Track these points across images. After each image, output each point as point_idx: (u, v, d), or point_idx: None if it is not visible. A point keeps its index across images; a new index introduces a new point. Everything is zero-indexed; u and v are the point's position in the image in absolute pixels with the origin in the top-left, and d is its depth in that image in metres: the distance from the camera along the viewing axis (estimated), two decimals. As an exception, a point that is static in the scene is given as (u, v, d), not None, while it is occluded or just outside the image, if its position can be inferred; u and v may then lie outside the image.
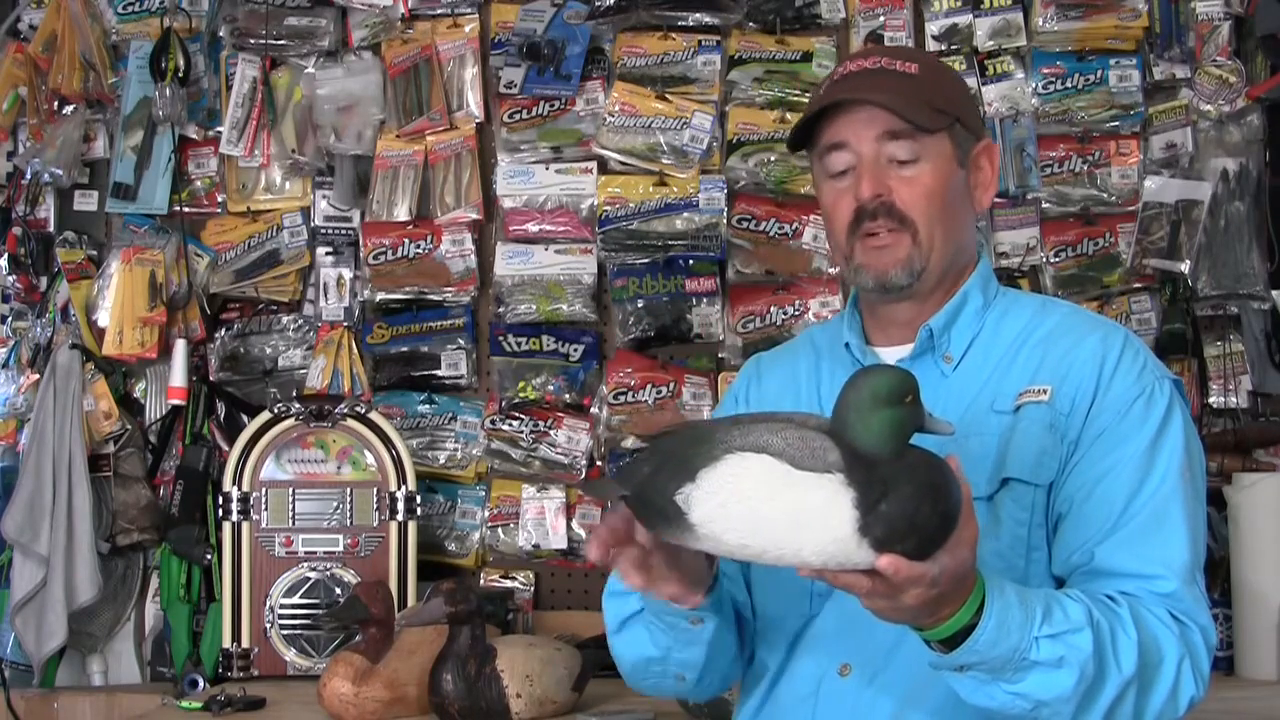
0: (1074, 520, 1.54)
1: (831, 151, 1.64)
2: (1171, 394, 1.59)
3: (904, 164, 1.61)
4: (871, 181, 1.61)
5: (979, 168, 1.68)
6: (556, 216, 3.06)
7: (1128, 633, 1.43)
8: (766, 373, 1.82)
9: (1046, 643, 1.38)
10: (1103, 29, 3.02)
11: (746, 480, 1.30)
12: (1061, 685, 1.39)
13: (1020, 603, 1.37)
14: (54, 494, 2.87)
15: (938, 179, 1.62)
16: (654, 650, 1.61)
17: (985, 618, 1.34)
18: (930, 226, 1.62)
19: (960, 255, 1.67)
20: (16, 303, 3.12)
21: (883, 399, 1.29)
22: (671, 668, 1.63)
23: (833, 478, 1.27)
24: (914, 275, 1.62)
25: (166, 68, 3.04)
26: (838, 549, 1.27)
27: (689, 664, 1.62)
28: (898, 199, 1.61)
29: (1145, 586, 1.49)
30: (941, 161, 1.62)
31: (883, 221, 1.61)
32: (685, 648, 1.59)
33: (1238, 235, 2.96)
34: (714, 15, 3.06)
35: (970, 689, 1.39)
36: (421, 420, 3.07)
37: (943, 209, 1.62)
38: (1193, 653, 1.48)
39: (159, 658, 3.02)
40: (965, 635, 1.35)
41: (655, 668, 1.64)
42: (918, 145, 1.61)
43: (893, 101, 1.59)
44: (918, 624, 1.36)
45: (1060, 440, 1.56)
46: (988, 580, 1.37)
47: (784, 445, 1.30)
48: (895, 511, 1.26)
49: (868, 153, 1.62)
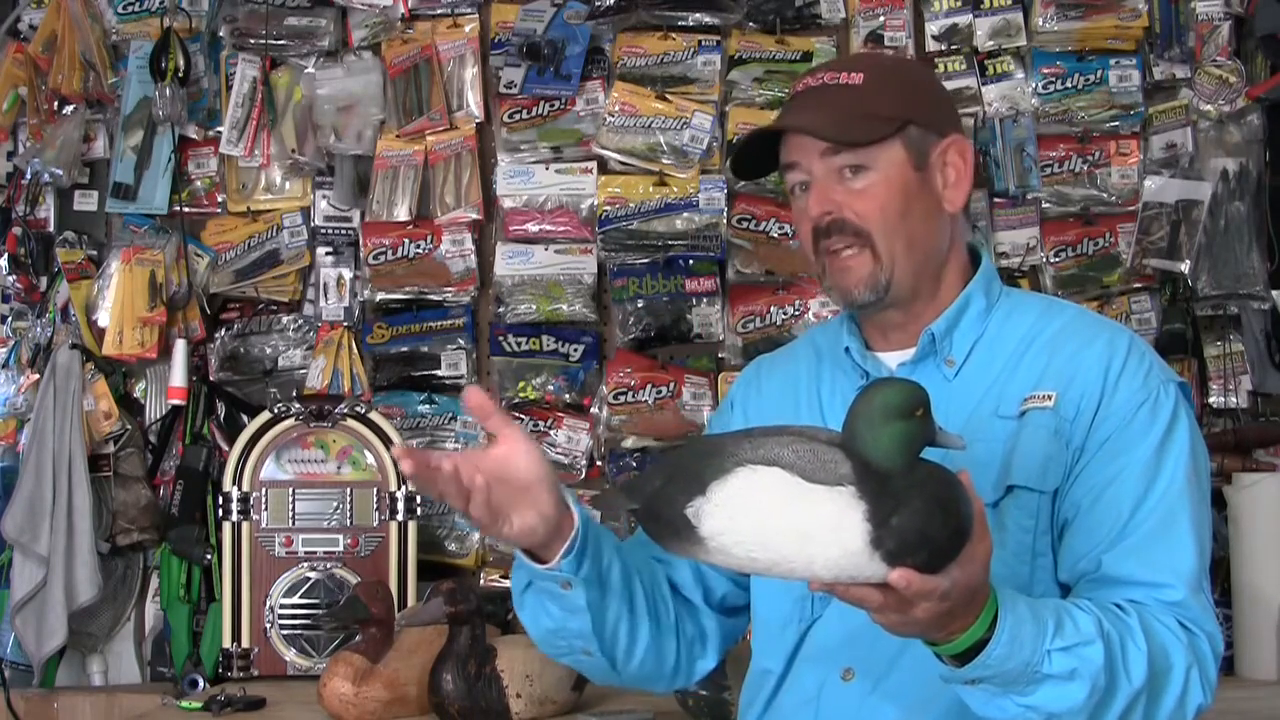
0: (1080, 527, 1.54)
1: (788, 171, 1.65)
2: (1177, 398, 1.58)
3: (855, 174, 1.60)
4: (818, 200, 1.61)
5: (946, 165, 1.64)
6: (556, 216, 3.06)
7: (1138, 644, 1.42)
8: (766, 376, 1.81)
9: (1059, 655, 1.37)
10: (1103, 29, 3.02)
11: (757, 493, 1.29)
12: (1073, 698, 1.38)
13: (1032, 616, 1.36)
14: (54, 494, 2.87)
15: (889, 187, 1.60)
16: (549, 621, 1.61)
17: (998, 632, 1.33)
18: (888, 237, 1.60)
19: (931, 260, 1.64)
20: (16, 303, 3.12)
21: (894, 412, 1.29)
22: (574, 641, 1.62)
23: (844, 490, 1.27)
24: (880, 291, 1.61)
25: (166, 68, 3.04)
26: (849, 562, 1.27)
27: (584, 634, 1.60)
28: (850, 213, 1.60)
29: (1153, 595, 1.48)
30: (893, 169, 1.60)
31: (837, 238, 1.60)
32: (571, 617, 1.58)
33: (1238, 235, 2.96)
34: (714, 15, 3.06)
35: (981, 701, 1.39)
36: (421, 420, 3.07)
37: (899, 217, 1.60)
38: (1200, 661, 1.47)
39: (159, 658, 3.02)
40: (978, 650, 1.34)
41: (560, 641, 1.64)
42: (864, 155, 1.59)
43: (817, 123, 1.58)
44: (928, 638, 1.35)
45: (1065, 446, 1.56)
46: (1000, 594, 1.36)
47: (795, 458, 1.29)
48: (907, 524, 1.25)
49: (818, 170, 1.61)
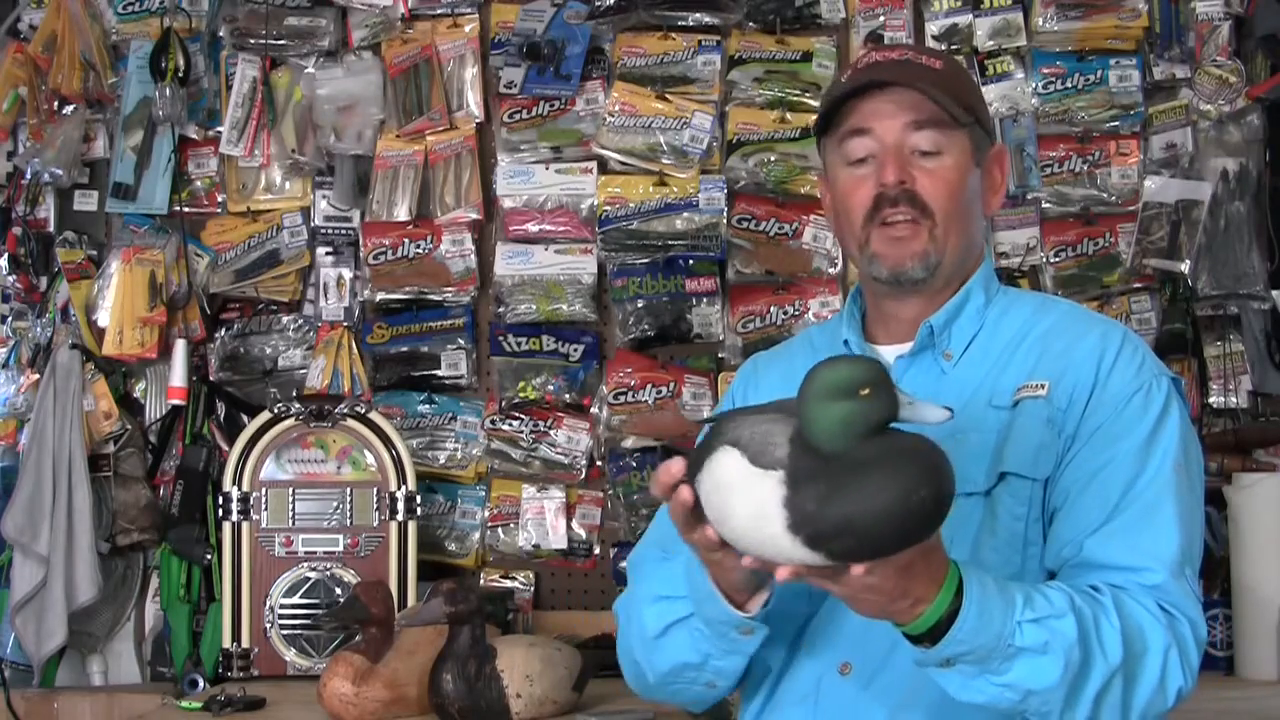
0: (1068, 514, 1.54)
1: (852, 137, 1.63)
2: (1169, 391, 1.58)
3: (926, 155, 1.61)
4: (896, 167, 1.60)
5: (990, 172, 1.68)
6: (556, 216, 3.06)
7: (1111, 621, 1.42)
8: (764, 373, 1.81)
9: (1030, 627, 1.37)
10: (1103, 29, 3.02)
11: (718, 473, 1.32)
12: (1048, 673, 1.38)
13: (1000, 591, 1.37)
14: (54, 494, 2.87)
15: (958, 174, 1.62)
16: (693, 657, 1.59)
17: (966, 605, 1.34)
18: (948, 220, 1.61)
19: (970, 254, 1.67)
20: (16, 303, 3.12)
21: (834, 391, 1.26)
22: (705, 675, 1.61)
23: (772, 475, 1.27)
24: (929, 269, 1.61)
25: (166, 68, 3.04)
26: (776, 547, 1.28)
27: (725, 672, 1.60)
28: (920, 188, 1.60)
29: (1132, 578, 1.48)
30: (963, 158, 1.62)
31: (904, 209, 1.60)
32: (725, 656, 1.58)
33: (1238, 235, 2.96)
34: (714, 15, 3.06)
35: (958, 684, 1.39)
36: (421, 420, 3.07)
37: (961, 204, 1.62)
38: (1181, 644, 1.46)
39: (159, 658, 3.02)
40: (947, 627, 1.34)
41: (689, 674, 1.62)
42: (942, 138, 1.60)
43: (929, 89, 1.58)
44: (894, 620, 1.36)
45: (1058, 435, 1.56)
46: (965, 569, 1.36)
47: (750, 439, 1.30)
48: (830, 511, 1.24)
49: (891, 140, 1.61)
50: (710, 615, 1.52)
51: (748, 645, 1.55)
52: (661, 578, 1.62)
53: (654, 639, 1.63)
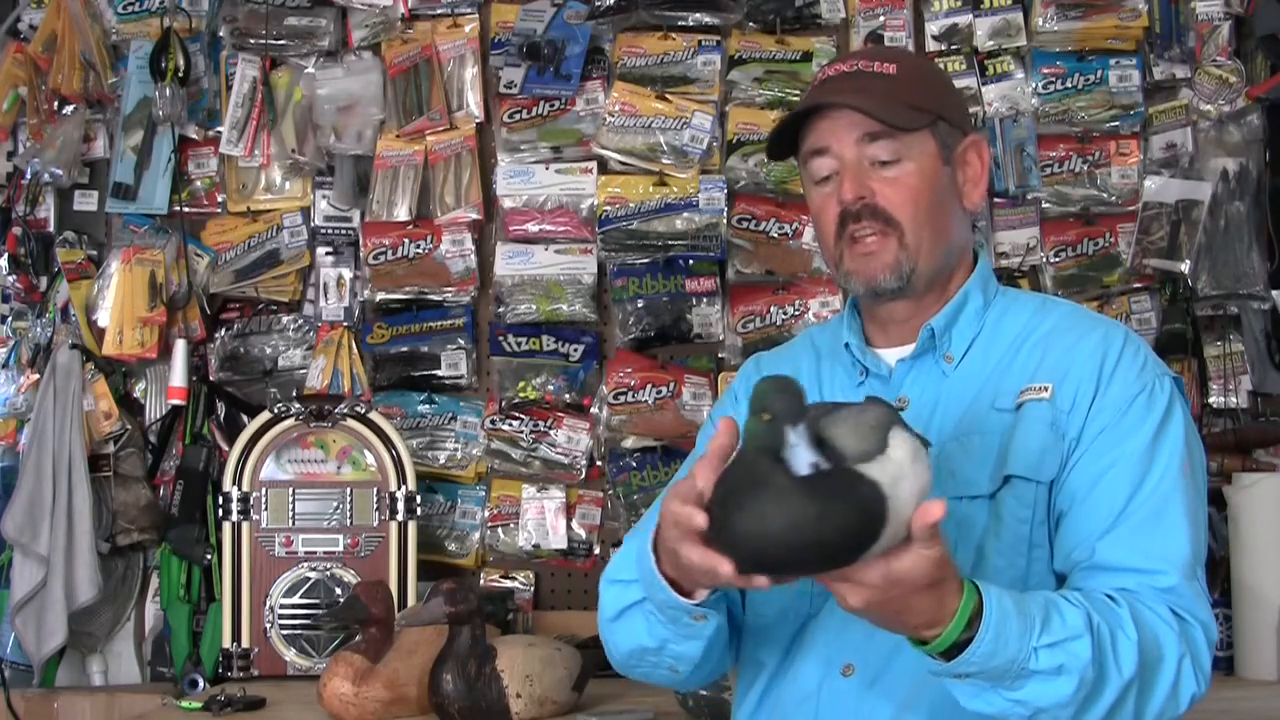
0: (1075, 517, 1.54)
1: (814, 158, 1.64)
2: (1172, 391, 1.59)
3: (886, 165, 1.61)
4: (853, 183, 1.61)
5: (966, 164, 1.66)
6: (556, 216, 3.06)
7: (1128, 634, 1.42)
8: (765, 372, 1.80)
9: (1045, 652, 1.36)
10: (1103, 29, 3.02)
11: None
12: (1060, 692, 1.38)
13: (1018, 611, 1.36)
14: (54, 494, 2.87)
15: (922, 178, 1.61)
16: (650, 641, 1.60)
17: (983, 630, 1.33)
18: (917, 227, 1.61)
19: (952, 254, 1.66)
20: (16, 303, 3.12)
21: (752, 407, 1.27)
22: (666, 659, 1.61)
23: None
24: (903, 279, 1.62)
25: (166, 68, 3.04)
26: None
27: (684, 657, 1.60)
28: (881, 200, 1.60)
29: (1145, 581, 1.48)
30: (925, 160, 1.62)
31: (867, 223, 1.61)
32: (683, 641, 1.58)
33: (1238, 235, 2.96)
34: (714, 15, 3.06)
35: (969, 695, 1.39)
36: (421, 420, 3.07)
37: (929, 208, 1.62)
38: (1193, 650, 1.47)
39: (159, 658, 3.02)
40: (964, 646, 1.34)
41: (650, 658, 1.63)
42: (899, 145, 1.60)
43: (866, 103, 1.58)
44: (911, 636, 1.36)
45: (1061, 437, 1.56)
46: (984, 589, 1.35)
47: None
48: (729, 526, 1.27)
49: (849, 156, 1.61)
50: (660, 601, 1.52)
51: (703, 630, 1.54)
52: (618, 561, 1.64)
53: (610, 621, 1.64)
